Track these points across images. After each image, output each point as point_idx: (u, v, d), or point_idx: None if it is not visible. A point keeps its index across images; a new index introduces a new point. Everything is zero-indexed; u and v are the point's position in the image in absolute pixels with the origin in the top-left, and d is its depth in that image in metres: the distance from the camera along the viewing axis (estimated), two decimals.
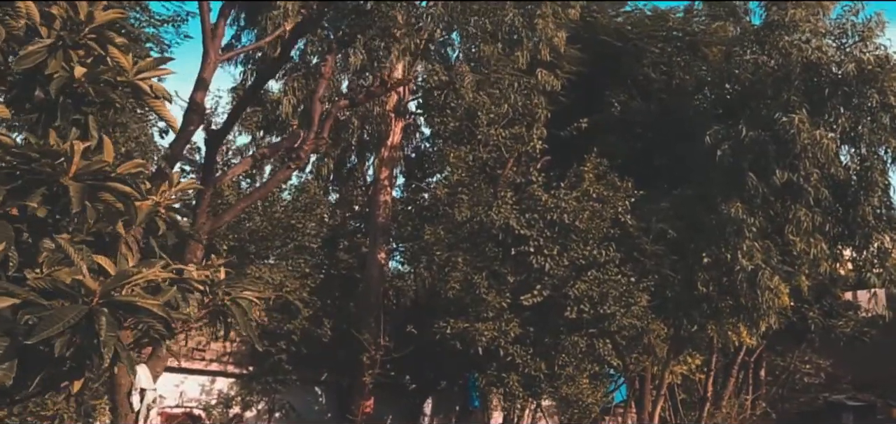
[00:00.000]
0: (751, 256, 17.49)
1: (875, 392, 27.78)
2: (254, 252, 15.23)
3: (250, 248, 15.25)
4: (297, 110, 17.38)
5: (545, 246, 15.98)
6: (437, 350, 17.00)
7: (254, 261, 14.89)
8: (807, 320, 25.61)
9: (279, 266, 15.18)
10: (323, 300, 18.15)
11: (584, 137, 22.74)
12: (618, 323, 16.36)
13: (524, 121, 18.33)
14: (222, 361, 18.60)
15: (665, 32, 22.77)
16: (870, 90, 17.88)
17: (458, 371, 18.15)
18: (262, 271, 14.61)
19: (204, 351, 18.27)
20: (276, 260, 15.10)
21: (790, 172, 17.76)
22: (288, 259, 15.28)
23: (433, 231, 16.44)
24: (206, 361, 18.40)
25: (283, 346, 16.21)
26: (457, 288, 15.83)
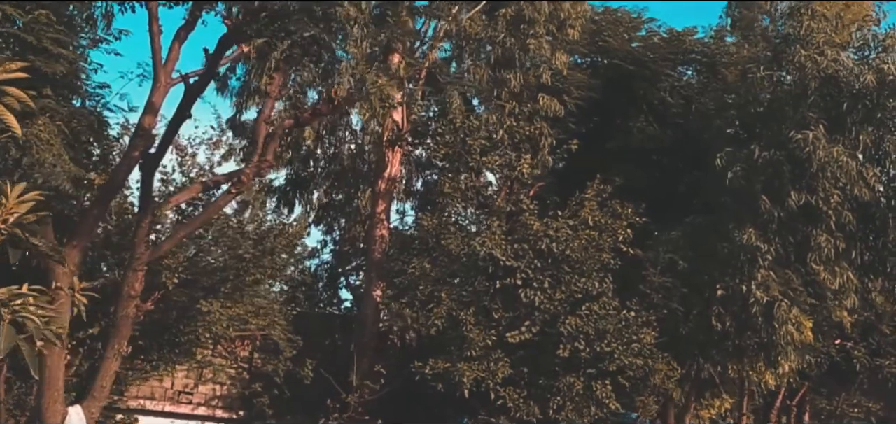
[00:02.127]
0: (766, 287, 16.08)
1: None
2: (208, 285, 14.59)
3: (203, 282, 14.62)
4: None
5: (535, 278, 14.90)
6: (429, 392, 16.00)
7: (206, 296, 14.22)
8: (852, 359, 23.92)
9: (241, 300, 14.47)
10: (311, 339, 17.39)
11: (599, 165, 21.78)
12: (618, 362, 15.09)
13: (524, 148, 17.36)
14: (211, 405, 17.95)
15: (682, 55, 21.65)
16: (893, 103, 16.42)
17: (447, 416, 17.06)
18: (212, 305, 13.93)
19: (191, 395, 17.67)
20: (229, 295, 14.38)
21: (808, 194, 16.35)
22: (241, 293, 14.55)
23: (418, 264, 15.54)
24: (194, 405, 17.79)
25: (259, 388, 15.42)
26: (439, 325, 14.84)
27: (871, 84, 16.39)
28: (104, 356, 11.10)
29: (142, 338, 14.10)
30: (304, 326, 17.83)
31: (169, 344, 14.92)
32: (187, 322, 14.49)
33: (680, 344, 18.09)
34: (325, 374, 15.93)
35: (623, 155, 21.76)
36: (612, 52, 21.40)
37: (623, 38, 21.74)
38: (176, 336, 14.81)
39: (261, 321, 15.12)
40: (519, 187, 16.69)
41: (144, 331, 13.81)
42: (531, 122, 18.13)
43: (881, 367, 23.74)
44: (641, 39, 22.01)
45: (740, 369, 18.05)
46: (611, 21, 21.99)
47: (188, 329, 14.49)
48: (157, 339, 14.70)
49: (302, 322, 17.95)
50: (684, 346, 18.10)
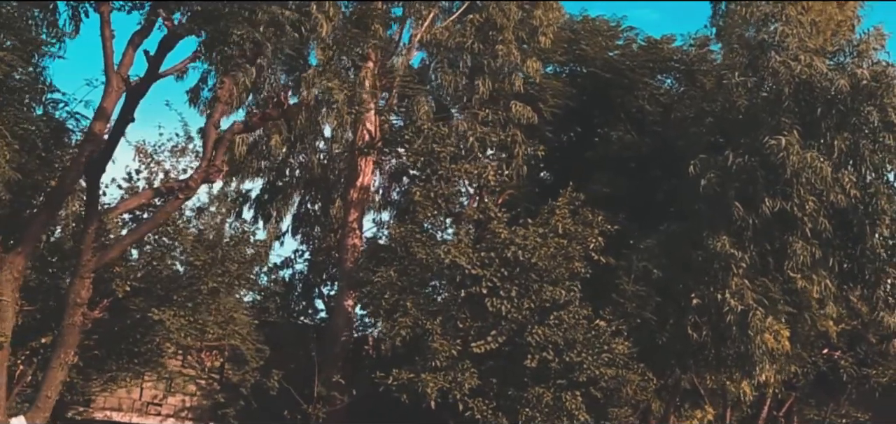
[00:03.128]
0: (741, 296, 15.80)
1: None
2: (162, 293, 14.35)
3: (158, 290, 14.39)
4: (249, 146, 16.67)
5: (502, 287, 14.65)
6: (400, 403, 15.72)
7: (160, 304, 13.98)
8: (838, 369, 23.63)
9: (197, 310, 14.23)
10: (284, 350, 17.14)
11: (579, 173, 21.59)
12: (588, 372, 14.81)
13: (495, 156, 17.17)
14: (180, 416, 17.70)
15: (660, 63, 21.46)
16: (868, 108, 16.18)
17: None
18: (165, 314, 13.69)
19: (160, 406, 17.43)
20: (182, 304, 14.14)
21: (783, 200, 16.09)
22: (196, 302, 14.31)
23: (384, 273, 15.31)
24: (162, 416, 17.54)
25: (221, 399, 15.18)
26: (403, 335, 14.59)
27: (845, 89, 16.17)
28: (50, 366, 10.87)
29: (97, 348, 13.89)
30: (276, 336, 17.61)
31: (127, 354, 14.72)
32: (144, 331, 14.26)
33: (657, 354, 17.83)
34: (286, 385, 15.66)
35: (603, 163, 21.59)
36: (589, 61, 21.23)
37: (601, 47, 21.56)
38: (133, 345, 14.60)
39: (220, 330, 14.89)
40: (488, 195, 16.44)
41: (100, 341, 13.59)
42: (505, 130, 17.95)
43: (868, 377, 23.46)
44: (620, 48, 21.83)
45: (718, 379, 17.71)
46: (589, 30, 21.83)
47: (147, 338, 14.27)
48: (114, 349, 14.48)
49: (274, 332, 17.73)
50: (661, 356, 17.83)
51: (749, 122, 17.64)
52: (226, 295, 14.88)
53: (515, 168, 18.18)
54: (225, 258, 14.61)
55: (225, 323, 15.15)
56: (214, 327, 14.60)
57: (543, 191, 20.01)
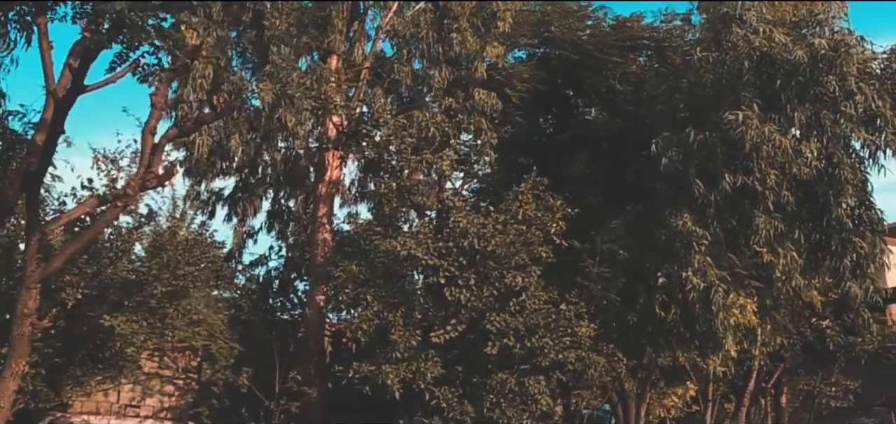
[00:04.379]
0: (704, 273, 15.78)
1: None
2: (115, 299, 14.55)
3: (111, 296, 14.58)
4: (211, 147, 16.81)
5: (460, 276, 14.74)
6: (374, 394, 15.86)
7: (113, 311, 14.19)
8: (826, 339, 23.59)
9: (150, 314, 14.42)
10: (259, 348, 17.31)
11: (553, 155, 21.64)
12: (550, 357, 14.88)
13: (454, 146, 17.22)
14: (159, 417, 17.95)
15: (630, 41, 21.37)
16: (827, 78, 16.07)
17: (391, 418, 16.93)
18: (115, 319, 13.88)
19: (138, 407, 17.69)
20: (134, 309, 14.33)
21: (744, 175, 16.04)
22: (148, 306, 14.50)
23: (346, 267, 15.44)
24: (141, 418, 17.79)
25: (191, 399, 15.38)
26: (365, 328, 14.73)
27: (803, 60, 16.07)
28: (1, 376, 11.09)
29: (58, 355, 14.12)
30: (249, 333, 17.77)
31: (90, 360, 14.95)
32: (104, 337, 14.46)
33: (628, 334, 17.89)
34: (248, 383, 15.84)
35: (577, 144, 21.61)
36: (558, 43, 21.18)
37: (571, 28, 21.51)
38: (94, 351, 14.82)
39: (182, 332, 15.09)
40: (449, 185, 16.52)
41: (62, 348, 13.81)
42: (469, 118, 17.98)
43: (854, 346, 23.39)
44: (590, 28, 21.77)
45: (689, 357, 17.74)
46: (559, 12, 21.79)
47: (108, 343, 14.47)
48: (74, 356, 14.71)
49: (248, 329, 17.91)
50: (633, 336, 17.88)
51: (713, 98, 17.57)
52: (193, 296, 15.03)
53: (482, 155, 18.17)
54: (174, 262, 14.73)
55: (194, 323, 15.32)
56: (176, 329, 14.77)
57: (520, 175, 20.08)
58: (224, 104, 12.04)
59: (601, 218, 18.75)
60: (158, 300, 14.65)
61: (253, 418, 15.55)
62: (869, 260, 16.54)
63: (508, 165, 22.70)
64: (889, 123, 16.58)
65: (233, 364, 16.33)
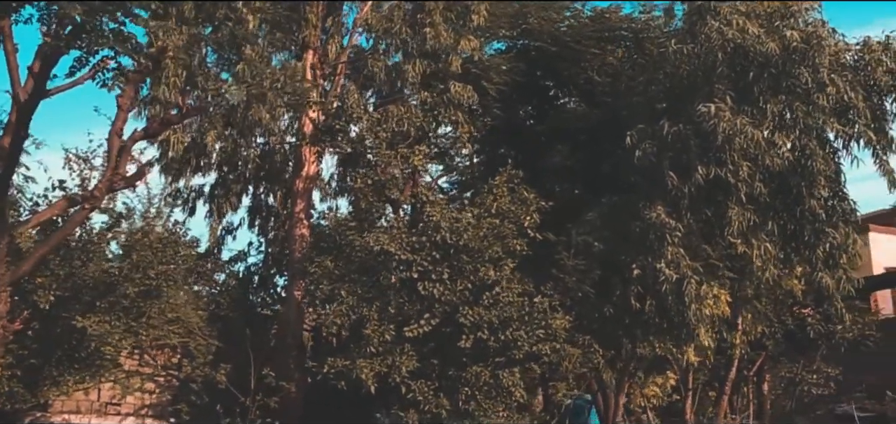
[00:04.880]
0: (677, 265, 15.89)
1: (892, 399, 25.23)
2: (87, 300, 14.62)
3: (84, 297, 14.65)
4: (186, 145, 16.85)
5: (433, 270, 14.82)
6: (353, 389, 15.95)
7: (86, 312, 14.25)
8: (806, 327, 23.79)
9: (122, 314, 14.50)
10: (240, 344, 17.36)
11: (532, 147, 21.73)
12: (524, 349, 14.99)
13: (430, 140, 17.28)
14: (140, 414, 18.02)
15: (608, 32, 21.41)
16: (800, 70, 16.16)
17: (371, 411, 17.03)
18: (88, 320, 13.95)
19: (119, 406, 17.75)
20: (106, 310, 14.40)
21: (717, 167, 16.14)
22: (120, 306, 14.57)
23: (320, 263, 15.51)
24: (122, 416, 17.86)
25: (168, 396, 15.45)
26: (339, 323, 14.82)
27: (775, 52, 16.15)
28: None
29: (34, 357, 14.19)
30: (228, 330, 17.83)
31: (67, 360, 15.01)
32: (80, 338, 14.52)
33: (606, 325, 18.02)
34: (224, 379, 15.92)
35: (556, 136, 21.71)
36: (537, 35, 21.21)
37: (550, 20, 21.54)
38: (71, 351, 14.89)
39: (156, 331, 15.16)
40: (422, 178, 16.58)
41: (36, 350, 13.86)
42: (445, 112, 18.03)
43: (834, 333, 23.57)
44: (568, 19, 21.80)
45: (665, 347, 17.88)
46: (538, 5, 21.81)
47: (84, 344, 14.53)
48: (50, 356, 14.77)
49: (226, 326, 17.97)
50: (610, 328, 18.01)
51: (688, 90, 17.64)
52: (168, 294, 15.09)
53: (459, 148, 18.24)
54: (145, 261, 14.78)
55: (170, 322, 15.38)
56: (151, 328, 14.84)
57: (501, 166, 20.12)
58: (189, 105, 12.03)
59: (579, 211, 18.87)
60: (131, 300, 14.72)
61: (228, 414, 15.61)
62: (841, 251, 16.66)
63: (489, 158, 22.83)
64: (861, 115, 16.68)
65: (211, 360, 16.38)
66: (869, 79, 17.09)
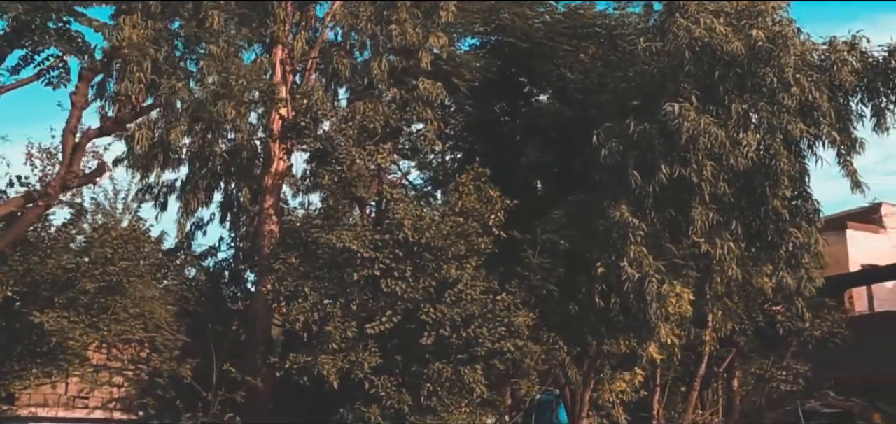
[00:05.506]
0: (639, 264, 15.98)
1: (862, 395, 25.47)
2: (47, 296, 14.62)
3: (43, 292, 14.64)
4: (154, 144, 16.84)
5: (396, 268, 14.88)
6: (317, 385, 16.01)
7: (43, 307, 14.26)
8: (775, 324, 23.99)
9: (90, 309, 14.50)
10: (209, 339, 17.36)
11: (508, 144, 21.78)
12: (486, 346, 15.07)
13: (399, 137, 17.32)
14: (108, 408, 18.02)
15: (581, 29, 21.46)
16: (765, 70, 16.25)
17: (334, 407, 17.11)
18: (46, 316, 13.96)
19: (87, 399, 17.75)
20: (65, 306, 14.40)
21: (681, 167, 16.22)
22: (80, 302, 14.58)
23: (285, 259, 15.55)
24: (90, 409, 17.86)
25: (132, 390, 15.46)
26: (301, 319, 14.87)
27: (740, 51, 16.24)
28: None
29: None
30: (197, 325, 17.83)
31: (28, 355, 15.01)
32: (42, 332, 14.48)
33: (571, 322, 18.12)
34: (188, 374, 15.95)
35: (528, 133, 21.78)
36: (509, 31, 21.25)
37: (524, 16, 21.58)
38: (31, 346, 14.88)
39: (118, 326, 15.17)
40: (386, 175, 16.61)
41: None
42: (414, 108, 18.07)
43: (802, 331, 23.77)
44: (542, 15, 21.85)
45: (629, 344, 18.00)
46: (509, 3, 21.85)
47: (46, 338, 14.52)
48: (11, 351, 14.77)
49: (195, 321, 17.98)
50: (575, 325, 18.12)
51: (656, 89, 17.72)
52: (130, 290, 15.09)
53: (428, 145, 18.30)
54: (104, 257, 14.74)
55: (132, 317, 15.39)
56: (114, 323, 14.85)
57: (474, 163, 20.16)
58: (142, 102, 12.03)
59: (549, 208, 18.94)
60: (91, 295, 14.71)
61: (189, 408, 15.66)
62: (804, 250, 16.79)
63: (465, 154, 22.89)
64: (826, 115, 16.79)
65: (177, 355, 16.40)
66: (834, 79, 17.17)
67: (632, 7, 21.61)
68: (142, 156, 17.21)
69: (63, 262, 14.52)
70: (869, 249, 33.96)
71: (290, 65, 18.66)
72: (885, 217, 34.74)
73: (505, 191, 18.31)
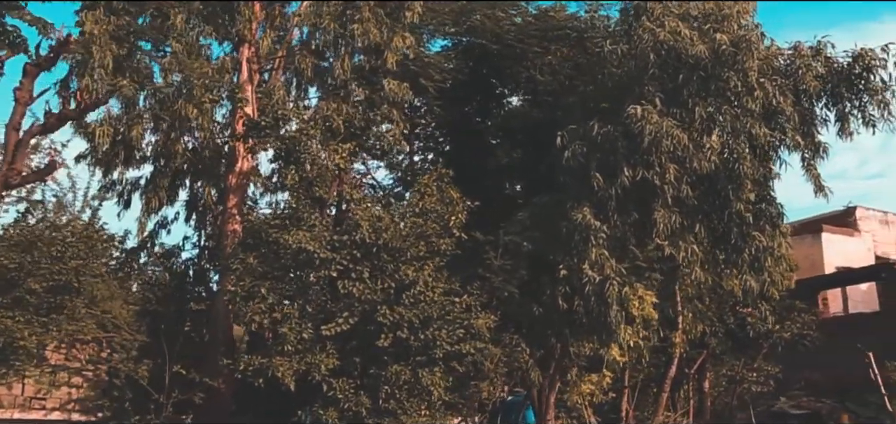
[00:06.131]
0: (600, 266, 15.92)
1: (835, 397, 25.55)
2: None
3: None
4: (116, 141, 16.68)
5: (353, 269, 14.77)
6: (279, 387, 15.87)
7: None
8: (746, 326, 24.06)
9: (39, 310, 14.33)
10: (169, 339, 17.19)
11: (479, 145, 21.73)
12: (444, 349, 14.97)
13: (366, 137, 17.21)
14: (66, 409, 17.82)
15: (552, 31, 21.39)
16: (729, 73, 16.22)
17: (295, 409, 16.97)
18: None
19: (44, 400, 17.55)
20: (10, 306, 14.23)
21: (644, 169, 16.17)
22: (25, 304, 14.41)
23: (243, 259, 15.41)
24: (47, 410, 17.67)
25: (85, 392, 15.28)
26: (257, 320, 14.73)
27: (705, 55, 16.20)
28: None
29: None
30: (157, 325, 17.66)
31: None
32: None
33: (536, 325, 18.06)
34: (144, 375, 15.80)
35: (498, 135, 21.74)
36: (480, 32, 21.15)
37: (495, 18, 21.49)
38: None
39: (70, 326, 15.00)
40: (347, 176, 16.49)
41: None
42: (380, 109, 17.96)
43: (772, 333, 23.83)
44: (512, 18, 21.75)
45: (593, 347, 17.94)
46: (483, 3, 21.76)
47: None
48: None
49: (155, 321, 17.81)
50: (539, 327, 18.05)
51: (621, 92, 17.66)
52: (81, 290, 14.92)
53: (394, 146, 18.19)
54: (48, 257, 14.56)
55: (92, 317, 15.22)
56: (70, 323, 14.68)
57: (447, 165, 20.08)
58: (87, 99, 11.89)
59: (517, 210, 18.88)
60: (40, 295, 14.54)
61: (140, 411, 15.50)
62: (767, 254, 16.76)
63: (436, 155, 22.82)
64: (790, 119, 16.78)
65: (135, 356, 16.24)
66: (799, 83, 17.17)
67: (602, 10, 21.64)
68: (104, 153, 17.02)
69: (5, 261, 14.32)
70: (844, 252, 34.15)
71: (257, 64, 18.50)
72: (860, 220, 34.94)
73: (476, 192, 18.25)
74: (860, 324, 29.51)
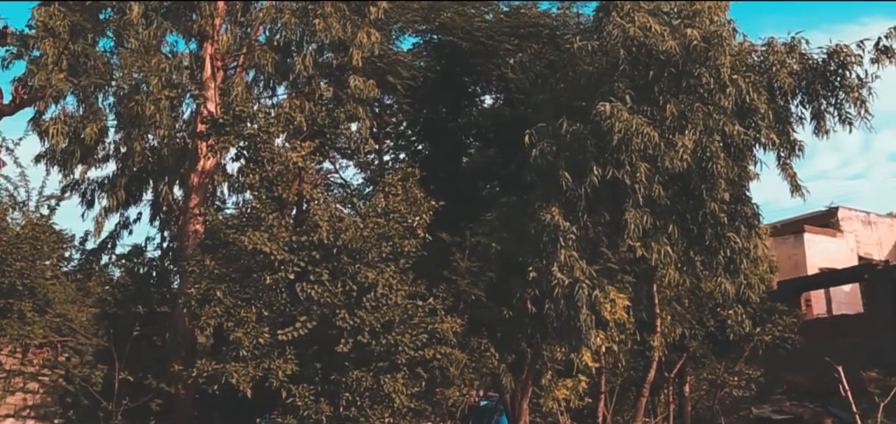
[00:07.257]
0: (569, 268, 15.44)
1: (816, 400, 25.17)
2: None
3: None
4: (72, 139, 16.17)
5: (312, 271, 14.27)
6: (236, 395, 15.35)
7: None
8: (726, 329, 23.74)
9: None
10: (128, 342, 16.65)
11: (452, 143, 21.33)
12: (409, 355, 14.48)
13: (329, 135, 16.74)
14: (21, 415, 17.24)
15: (524, 28, 20.95)
16: (700, 70, 15.79)
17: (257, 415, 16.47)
18: None
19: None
20: None
21: (614, 168, 15.71)
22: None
23: (198, 261, 14.90)
24: (1, 417, 17.07)
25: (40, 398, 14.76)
26: (211, 324, 14.23)
27: (675, 51, 15.77)
28: None
29: None
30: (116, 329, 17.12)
31: None
32: None
33: (506, 328, 17.58)
34: (98, 380, 15.26)
35: (470, 133, 21.31)
36: (450, 30, 20.70)
37: (467, 15, 21.04)
38: None
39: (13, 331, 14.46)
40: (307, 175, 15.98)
41: None
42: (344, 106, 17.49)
43: (752, 336, 23.48)
44: (483, 15, 21.32)
45: (564, 351, 17.49)
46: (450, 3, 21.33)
47: None
48: None
49: (114, 324, 17.28)
50: (510, 331, 17.57)
51: (591, 89, 17.22)
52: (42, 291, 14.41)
53: (361, 144, 17.73)
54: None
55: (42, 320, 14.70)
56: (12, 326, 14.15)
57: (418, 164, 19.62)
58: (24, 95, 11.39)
59: (485, 210, 18.42)
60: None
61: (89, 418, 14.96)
62: (742, 256, 16.33)
63: (408, 154, 22.34)
64: (764, 117, 16.38)
65: (90, 361, 15.70)
66: (773, 81, 16.78)
67: (574, 7, 21.25)
68: (61, 152, 16.51)
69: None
70: (827, 252, 33.86)
71: (219, 60, 18.00)
72: (843, 221, 34.65)
73: (448, 192, 17.80)
74: (844, 326, 29.21)
